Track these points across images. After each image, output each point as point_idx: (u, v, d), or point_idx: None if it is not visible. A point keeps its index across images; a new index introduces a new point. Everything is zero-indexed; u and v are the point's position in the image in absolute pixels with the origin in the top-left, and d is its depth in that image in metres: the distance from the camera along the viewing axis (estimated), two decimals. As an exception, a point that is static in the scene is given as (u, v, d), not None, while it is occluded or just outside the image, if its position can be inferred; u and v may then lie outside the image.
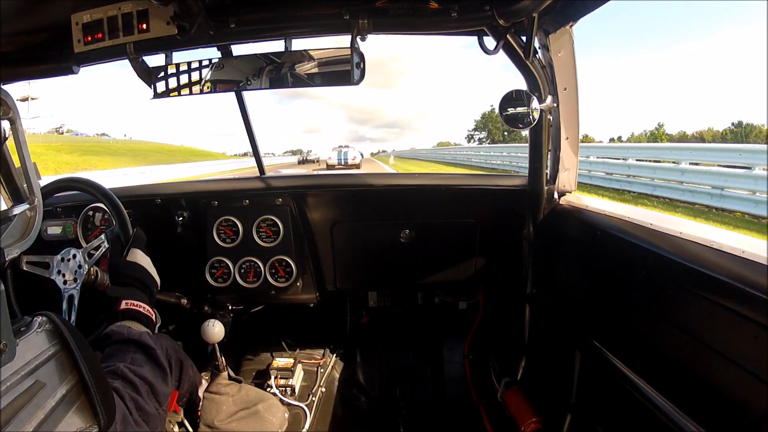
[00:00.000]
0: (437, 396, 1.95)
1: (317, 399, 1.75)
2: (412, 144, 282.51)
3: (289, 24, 1.11)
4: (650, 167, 9.45)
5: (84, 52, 1.11)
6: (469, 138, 71.71)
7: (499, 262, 1.73)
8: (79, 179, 1.26)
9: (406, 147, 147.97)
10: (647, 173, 9.43)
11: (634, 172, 9.74)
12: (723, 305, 0.78)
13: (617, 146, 13.72)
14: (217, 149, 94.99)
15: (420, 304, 2.12)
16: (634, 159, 10.02)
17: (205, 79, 1.17)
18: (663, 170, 9.09)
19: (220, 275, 1.57)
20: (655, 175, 9.20)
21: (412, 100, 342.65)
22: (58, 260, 1.13)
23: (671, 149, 9.73)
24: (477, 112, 24.39)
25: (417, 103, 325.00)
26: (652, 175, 9.28)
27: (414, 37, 1.18)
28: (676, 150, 9.25)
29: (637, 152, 10.45)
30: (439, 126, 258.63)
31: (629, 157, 10.14)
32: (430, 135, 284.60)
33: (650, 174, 9.33)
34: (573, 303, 1.38)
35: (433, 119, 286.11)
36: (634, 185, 9.53)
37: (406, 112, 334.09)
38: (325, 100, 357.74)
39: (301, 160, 34.55)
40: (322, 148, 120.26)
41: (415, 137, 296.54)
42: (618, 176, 10.18)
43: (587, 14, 1.08)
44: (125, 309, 0.95)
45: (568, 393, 1.37)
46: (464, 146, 42.58)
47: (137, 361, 0.86)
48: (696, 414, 0.85)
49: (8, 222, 0.84)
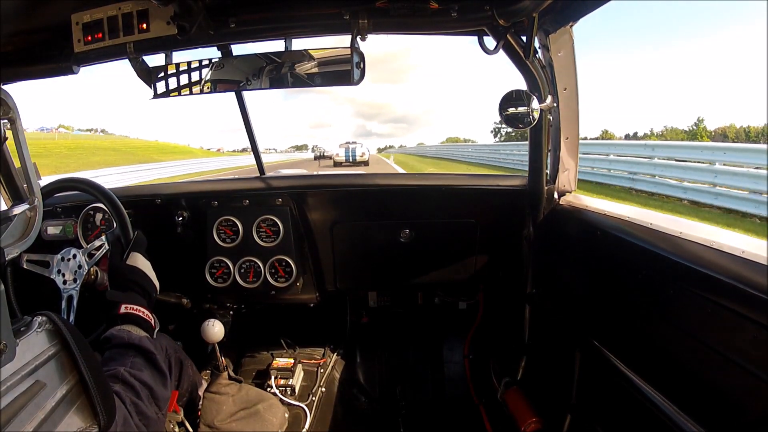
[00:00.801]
0: (437, 396, 1.95)
1: (317, 399, 1.75)
2: (421, 139, 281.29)
3: (289, 24, 1.11)
4: (680, 167, 8.37)
5: (84, 52, 1.11)
6: (496, 132, 64.23)
7: (499, 262, 1.73)
8: (79, 179, 1.26)
9: (413, 143, 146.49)
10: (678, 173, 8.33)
11: (660, 172, 8.70)
12: (723, 305, 0.78)
13: (639, 144, 12.22)
14: (213, 146, 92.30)
15: (420, 304, 2.12)
16: (659, 158, 8.92)
17: (205, 79, 1.17)
18: (694, 171, 7.95)
19: (220, 275, 1.57)
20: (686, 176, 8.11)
21: (421, 95, 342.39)
22: (58, 259, 1.13)
23: (701, 148, 8.48)
24: (491, 106, 22.32)
25: (425, 98, 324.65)
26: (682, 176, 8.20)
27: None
28: (707, 150, 8.13)
29: (664, 151, 9.28)
30: (448, 121, 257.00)
31: (654, 156, 9.06)
32: (439, 130, 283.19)
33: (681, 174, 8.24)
34: (573, 303, 1.38)
35: (441, 114, 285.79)
36: (661, 186, 8.49)
37: (414, 107, 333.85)
38: (331, 95, 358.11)
39: (318, 156, 32.19)
40: (329, 143, 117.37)
41: (424, 133, 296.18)
42: (643, 176, 9.10)
43: (587, 14, 1.08)
44: (125, 313, 0.96)
45: (568, 393, 1.37)
46: (477, 144, 38.26)
47: (137, 365, 0.86)
48: (696, 414, 0.85)
49: (8, 222, 0.84)
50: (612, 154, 10.85)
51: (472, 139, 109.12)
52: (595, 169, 10.83)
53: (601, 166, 10.85)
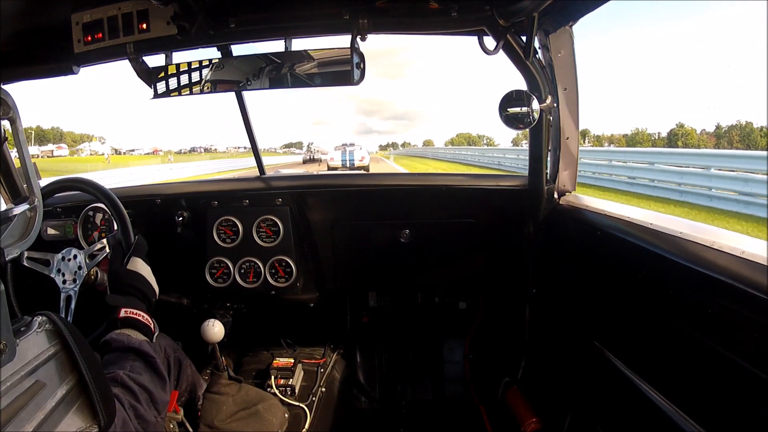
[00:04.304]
0: (437, 396, 1.95)
1: (317, 399, 1.75)
2: (427, 136, 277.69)
3: (289, 24, 1.11)
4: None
5: (84, 52, 1.12)
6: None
7: (499, 262, 1.73)
8: (80, 179, 1.26)
9: (418, 140, 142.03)
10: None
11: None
12: (723, 305, 0.78)
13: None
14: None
15: (420, 304, 2.12)
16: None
17: (205, 79, 1.17)
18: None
19: (220, 275, 1.57)
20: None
21: (422, 90, 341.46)
22: (58, 259, 1.13)
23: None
24: (494, 101, 20.06)
25: (427, 94, 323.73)
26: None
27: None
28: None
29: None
30: (458, 116, 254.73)
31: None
32: (447, 126, 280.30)
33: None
34: (573, 303, 1.38)
35: (450, 109, 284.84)
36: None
37: (415, 104, 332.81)
38: (332, 91, 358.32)
39: (308, 159, 28.16)
40: (328, 142, 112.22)
41: (429, 129, 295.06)
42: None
43: (587, 14, 1.08)
44: (125, 317, 0.96)
45: (568, 393, 1.37)
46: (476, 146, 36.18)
47: (137, 368, 0.87)
48: (696, 414, 0.85)
49: (8, 222, 0.84)
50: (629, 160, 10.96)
51: (487, 136, 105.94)
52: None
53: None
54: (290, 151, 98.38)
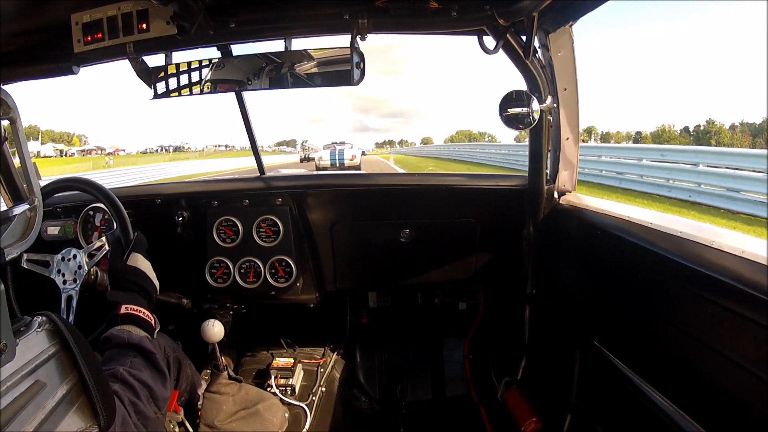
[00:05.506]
0: (437, 396, 1.95)
1: (317, 399, 1.75)
2: (425, 133, 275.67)
3: (289, 24, 1.11)
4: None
5: (84, 52, 1.12)
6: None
7: (499, 262, 1.73)
8: (79, 179, 1.26)
9: (416, 138, 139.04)
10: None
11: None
12: (723, 305, 0.78)
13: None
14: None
15: (420, 304, 2.12)
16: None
17: (205, 79, 1.17)
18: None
19: (220, 275, 1.57)
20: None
21: (419, 87, 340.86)
22: (58, 259, 1.13)
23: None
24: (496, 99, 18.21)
25: (424, 91, 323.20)
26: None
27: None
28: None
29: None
30: (457, 113, 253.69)
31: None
32: (446, 123, 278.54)
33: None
34: (573, 303, 1.38)
35: (448, 105, 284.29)
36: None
37: (412, 101, 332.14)
38: (329, 88, 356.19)
39: (304, 158, 26.81)
40: (327, 138, 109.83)
41: (427, 126, 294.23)
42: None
43: (587, 14, 1.08)
44: (125, 313, 0.96)
45: (568, 393, 1.36)
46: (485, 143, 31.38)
47: (137, 365, 0.86)
48: (696, 414, 0.85)
49: (8, 222, 0.84)
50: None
51: (489, 133, 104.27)
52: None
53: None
54: (281, 149, 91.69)
